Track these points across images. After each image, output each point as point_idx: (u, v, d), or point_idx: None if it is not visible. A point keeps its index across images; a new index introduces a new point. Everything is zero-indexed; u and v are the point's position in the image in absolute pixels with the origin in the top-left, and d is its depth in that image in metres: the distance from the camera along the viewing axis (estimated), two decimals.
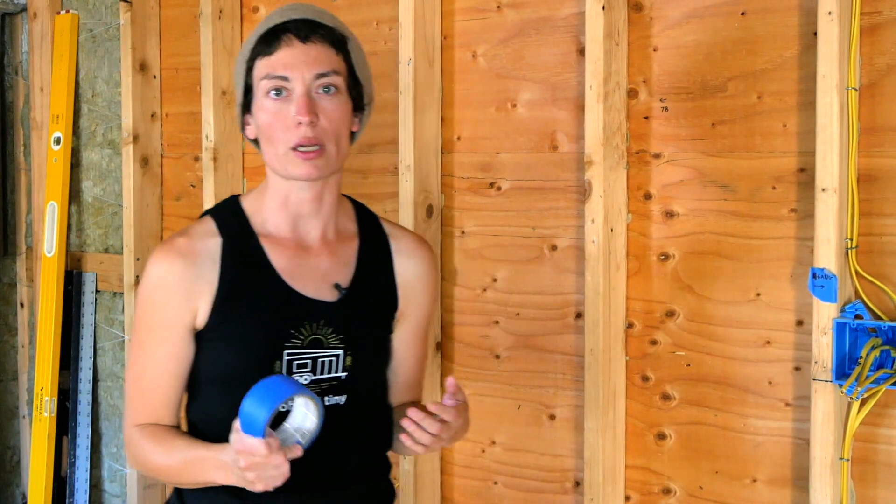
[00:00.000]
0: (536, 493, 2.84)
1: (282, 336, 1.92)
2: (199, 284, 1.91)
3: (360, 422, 1.99)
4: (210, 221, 1.98)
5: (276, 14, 1.95)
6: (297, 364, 1.92)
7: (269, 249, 1.96)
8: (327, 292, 1.97)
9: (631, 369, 2.68)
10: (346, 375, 1.96)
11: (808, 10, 2.39)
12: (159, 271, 1.92)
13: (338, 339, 1.95)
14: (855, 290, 2.34)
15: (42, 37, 3.97)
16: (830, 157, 2.28)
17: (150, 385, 1.95)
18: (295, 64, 1.89)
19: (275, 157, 1.92)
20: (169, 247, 1.94)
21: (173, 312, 1.91)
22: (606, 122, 2.59)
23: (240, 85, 1.95)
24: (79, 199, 3.94)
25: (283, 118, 1.89)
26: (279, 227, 1.98)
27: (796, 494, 2.46)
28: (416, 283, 2.08)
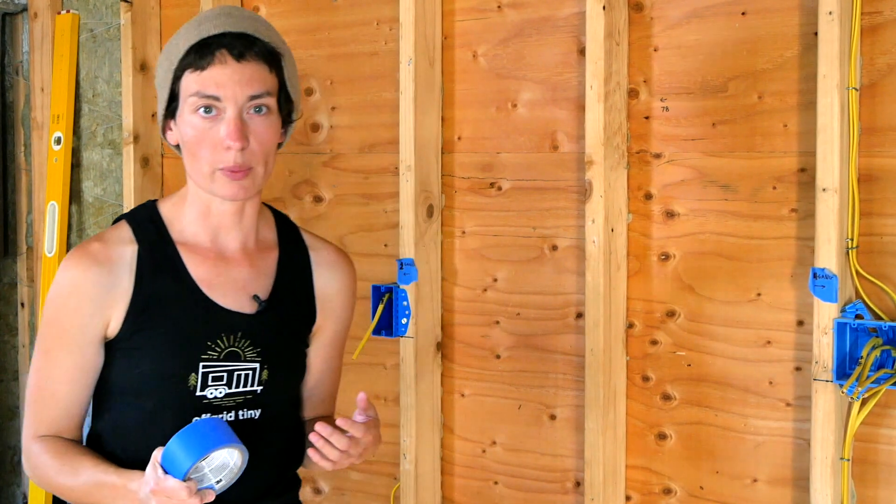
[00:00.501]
0: (537, 493, 2.84)
1: (198, 348, 1.86)
2: (113, 293, 1.84)
3: (273, 437, 1.95)
4: (126, 227, 1.91)
5: (208, 20, 1.84)
6: (212, 377, 1.87)
7: (188, 258, 1.89)
8: (246, 304, 1.91)
9: (631, 369, 2.68)
10: (262, 389, 1.91)
11: (809, 9, 2.39)
12: (72, 277, 1.85)
13: (255, 352, 1.90)
14: (855, 290, 2.34)
15: (43, 37, 3.97)
16: (831, 157, 2.28)
17: (55, 395, 1.87)
18: (228, 84, 1.80)
19: (199, 173, 1.85)
20: (83, 252, 1.86)
21: (85, 320, 1.84)
22: (607, 122, 2.58)
23: (164, 89, 1.86)
24: (79, 199, 3.94)
25: (212, 138, 1.82)
26: (198, 236, 1.92)
27: (797, 494, 2.46)
28: (334, 296, 2.04)
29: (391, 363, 3.03)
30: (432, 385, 2.92)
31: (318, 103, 3.13)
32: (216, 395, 1.87)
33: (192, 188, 1.91)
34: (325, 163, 3.14)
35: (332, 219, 3.13)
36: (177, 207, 1.93)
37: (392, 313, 2.91)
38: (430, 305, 2.91)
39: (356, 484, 3.12)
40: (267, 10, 3.28)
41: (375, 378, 3.07)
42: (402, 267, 2.87)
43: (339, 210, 3.12)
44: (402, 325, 2.89)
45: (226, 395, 1.88)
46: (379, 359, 3.06)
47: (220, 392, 1.87)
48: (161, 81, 1.87)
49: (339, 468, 1.86)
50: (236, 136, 1.80)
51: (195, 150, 1.84)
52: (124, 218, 1.94)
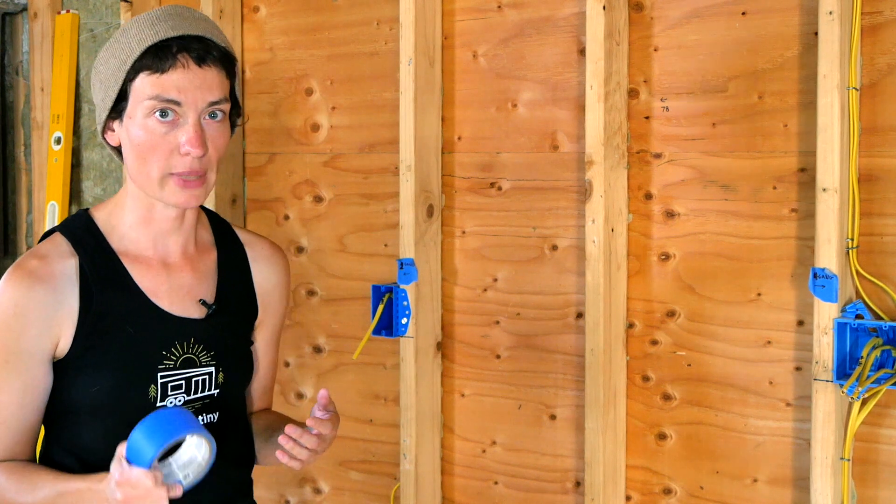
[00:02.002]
0: (537, 493, 2.84)
1: (154, 358, 1.84)
2: (59, 311, 1.79)
3: (233, 438, 1.96)
4: (62, 240, 1.84)
5: (162, 21, 1.78)
6: (171, 385, 1.85)
7: (132, 268, 1.86)
8: (194, 309, 1.90)
9: (632, 369, 2.68)
10: (219, 393, 1.92)
11: (809, 9, 2.39)
12: (14, 298, 1.77)
13: (209, 356, 1.90)
14: (856, 290, 2.34)
15: (42, 37, 3.97)
16: (831, 156, 2.28)
17: (6, 420, 1.81)
18: (189, 88, 1.76)
19: (146, 178, 1.80)
20: (24, 271, 1.79)
21: (32, 342, 1.78)
22: (607, 122, 2.58)
23: (111, 88, 1.79)
24: (79, 200, 3.94)
25: (168, 142, 1.77)
26: (139, 243, 1.88)
27: (797, 495, 2.46)
28: (272, 289, 2.05)
29: (391, 363, 3.03)
30: (432, 385, 2.92)
31: (318, 103, 3.13)
32: (176, 404, 1.85)
33: (132, 193, 1.86)
34: (325, 163, 3.14)
35: (332, 219, 3.13)
36: (113, 215, 1.88)
37: (392, 313, 2.91)
38: (430, 305, 2.91)
39: (356, 484, 3.12)
40: (267, 9, 3.27)
41: (375, 378, 3.07)
42: (402, 267, 2.87)
43: (339, 210, 3.12)
44: (402, 325, 2.89)
45: (185, 403, 1.87)
46: (379, 359, 3.05)
47: (180, 400, 1.86)
48: (106, 81, 1.81)
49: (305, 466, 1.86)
50: (197, 142, 1.77)
51: (146, 155, 1.78)
52: (58, 230, 1.87)
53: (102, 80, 1.82)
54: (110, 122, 1.83)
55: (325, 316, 3.14)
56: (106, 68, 1.81)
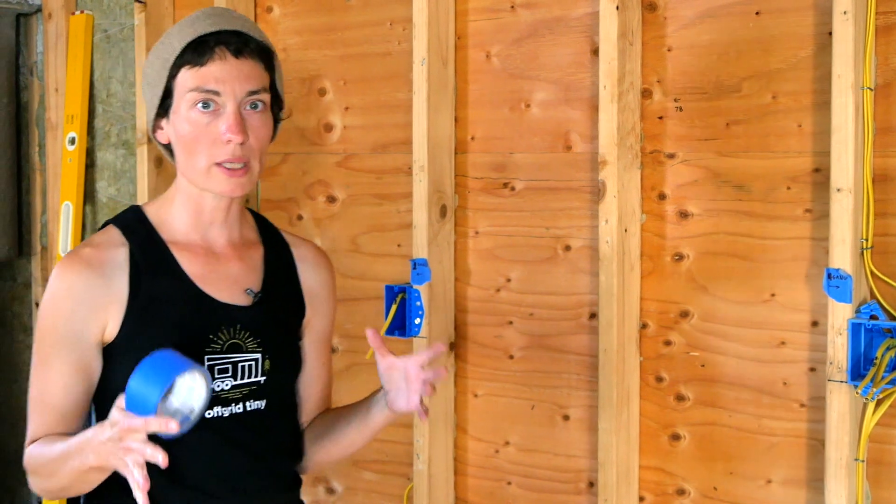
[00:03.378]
0: (550, 493, 2.84)
1: (201, 342, 1.88)
2: (107, 296, 1.85)
3: (280, 426, 1.99)
4: (115, 230, 1.92)
5: (201, 20, 1.88)
6: (218, 369, 1.89)
7: (179, 256, 1.92)
8: (240, 297, 1.95)
9: (645, 370, 2.67)
10: (265, 380, 1.94)
11: (823, 9, 2.38)
12: (65, 283, 1.85)
13: (255, 342, 1.93)
14: (870, 290, 2.34)
15: (57, 37, 3.98)
16: (845, 157, 2.27)
17: (53, 402, 1.86)
18: (227, 79, 1.84)
19: (194, 169, 1.87)
20: (75, 258, 1.87)
21: (80, 326, 1.84)
22: (620, 122, 2.58)
23: (157, 87, 1.88)
24: (93, 200, 3.95)
25: (210, 132, 1.84)
26: (188, 235, 1.94)
27: (811, 495, 2.46)
28: (319, 290, 2.09)
29: None
30: (445, 385, 2.92)
31: (331, 103, 3.14)
32: (223, 388, 1.89)
33: (182, 188, 1.94)
34: (338, 163, 3.14)
35: (345, 219, 3.13)
36: (163, 209, 1.96)
37: (405, 313, 2.91)
38: (443, 306, 2.91)
39: (369, 484, 3.12)
40: (280, 9, 3.28)
41: None
42: (415, 267, 2.87)
43: (352, 210, 3.12)
44: (415, 326, 2.89)
45: (232, 387, 1.90)
46: None
47: (227, 384, 1.89)
48: (152, 81, 1.89)
49: None
50: (237, 129, 1.83)
51: (192, 146, 1.86)
52: (111, 222, 1.95)
53: (149, 81, 1.90)
54: (158, 121, 1.91)
55: (338, 316, 3.11)
56: (151, 69, 1.90)
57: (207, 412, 1.84)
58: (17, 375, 4.27)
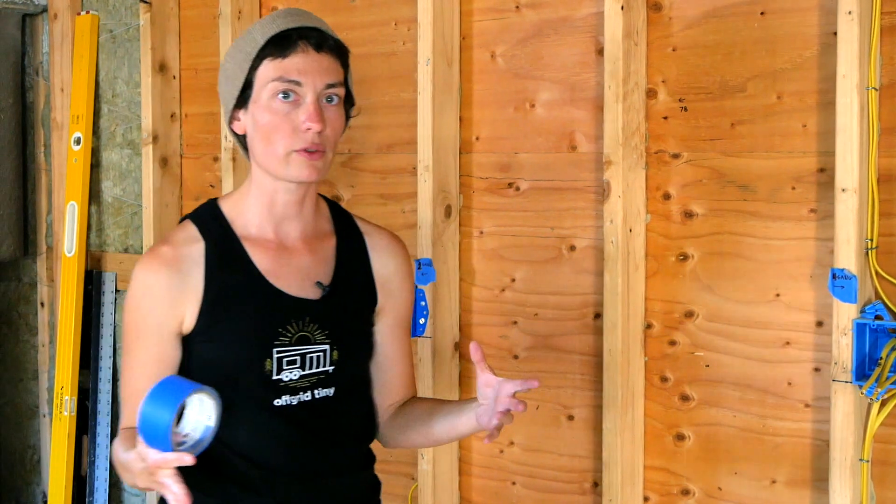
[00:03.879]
0: (555, 493, 2.84)
1: (270, 335, 1.96)
2: (184, 290, 1.95)
3: (349, 412, 2.07)
4: (192, 226, 2.02)
5: (282, 17, 1.97)
6: (286, 361, 1.97)
7: (252, 251, 2.00)
8: (310, 290, 2.02)
9: (650, 370, 2.67)
10: (334, 369, 2.02)
11: (828, 9, 2.38)
12: (145, 280, 1.97)
13: (323, 334, 2.01)
14: (875, 290, 2.34)
15: (62, 38, 3.99)
16: (850, 157, 2.27)
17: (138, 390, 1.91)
18: (308, 71, 1.93)
19: (273, 156, 1.95)
20: (153, 255, 1.98)
21: (159, 319, 1.95)
22: (625, 122, 2.58)
23: (237, 79, 1.97)
24: (98, 200, 3.96)
25: (290, 121, 1.93)
26: (262, 228, 2.02)
27: (816, 496, 2.45)
28: (392, 277, 2.15)
29: None
30: (450, 385, 2.92)
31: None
32: (291, 378, 1.97)
33: (257, 181, 2.01)
34: (343, 163, 3.14)
35: None
36: (238, 204, 2.04)
37: None
38: (448, 305, 2.92)
39: None
40: None
41: None
42: (420, 267, 2.87)
43: (357, 210, 3.11)
44: (420, 326, 2.90)
45: (300, 377, 1.98)
46: None
47: (295, 374, 1.98)
48: (233, 73, 1.97)
49: None
50: (316, 118, 1.92)
51: (272, 134, 1.94)
52: (188, 218, 2.05)
53: (228, 75, 1.99)
54: (236, 112, 1.99)
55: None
56: (232, 62, 1.98)
57: (276, 400, 1.95)
58: (22, 375, 4.28)
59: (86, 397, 3.92)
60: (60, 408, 3.87)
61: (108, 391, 3.92)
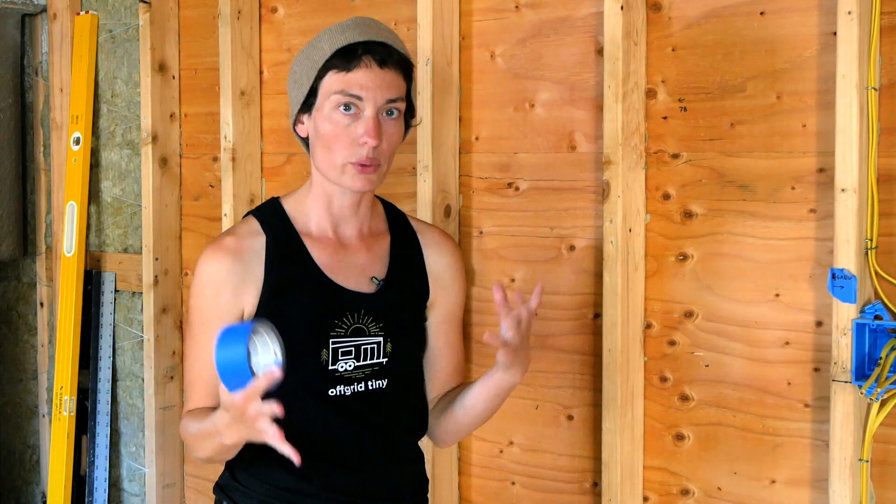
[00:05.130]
0: (554, 493, 2.84)
1: (327, 326, 2.06)
2: (246, 280, 2.06)
3: (402, 403, 2.16)
4: (254, 221, 2.13)
5: (352, 29, 2.05)
6: (341, 351, 2.07)
7: (311, 247, 2.11)
8: (366, 285, 2.13)
9: (649, 370, 2.68)
10: (387, 361, 2.12)
11: (828, 9, 2.38)
12: (209, 269, 2.07)
13: (378, 327, 2.11)
14: (875, 290, 2.34)
15: (62, 38, 3.99)
16: (850, 157, 2.27)
17: (202, 375, 2.08)
18: (370, 86, 2.01)
19: (330, 165, 2.06)
20: (217, 245, 2.08)
21: (223, 307, 2.05)
22: (625, 122, 2.58)
23: (304, 85, 2.06)
24: (98, 199, 3.96)
25: (349, 133, 2.02)
26: (321, 226, 2.14)
27: (815, 496, 2.45)
28: (443, 272, 2.26)
29: None
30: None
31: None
32: (346, 368, 2.07)
33: (316, 183, 2.14)
34: None
35: None
36: (299, 202, 2.16)
37: None
38: None
39: None
40: (285, 10, 3.28)
41: None
42: None
43: None
44: None
45: (355, 368, 2.08)
46: None
47: (350, 365, 2.07)
48: (299, 79, 2.08)
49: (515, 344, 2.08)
50: (374, 133, 2.02)
51: (331, 144, 2.05)
52: (251, 214, 2.17)
53: (296, 79, 2.10)
54: (301, 116, 2.11)
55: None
56: (300, 68, 2.09)
57: (330, 390, 2.05)
58: (22, 374, 4.28)
59: (85, 397, 3.92)
60: (60, 408, 3.87)
61: (107, 391, 3.92)
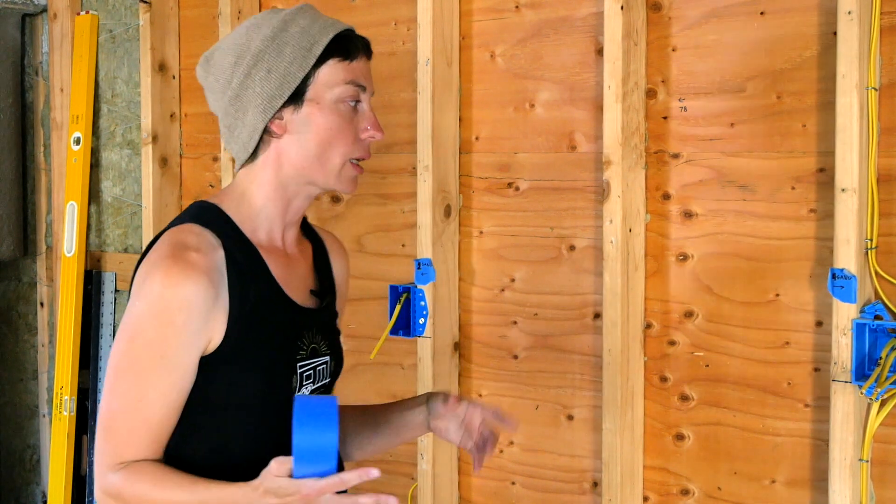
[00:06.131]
0: (554, 493, 2.84)
1: (293, 349, 1.82)
2: (216, 305, 1.72)
3: None
4: (205, 231, 1.77)
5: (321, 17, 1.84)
6: (304, 375, 1.84)
7: (267, 259, 1.82)
8: (309, 299, 1.89)
9: (649, 370, 2.67)
10: (329, 381, 1.92)
11: (828, 9, 2.38)
12: (183, 293, 1.69)
13: (325, 344, 1.90)
14: (875, 290, 2.34)
15: (62, 38, 3.99)
16: (850, 157, 2.27)
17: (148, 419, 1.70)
18: (368, 77, 1.85)
19: (325, 164, 1.81)
20: (186, 263, 1.70)
21: (191, 338, 1.70)
22: (625, 122, 2.58)
23: (292, 76, 1.79)
24: (98, 199, 3.96)
25: (352, 129, 1.81)
26: (271, 235, 1.85)
27: (815, 496, 2.45)
28: (343, 280, 2.05)
29: (408, 363, 3.03)
30: (449, 385, 2.92)
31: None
32: (306, 394, 1.85)
33: (275, 185, 1.83)
34: None
35: (349, 219, 3.13)
36: (241, 208, 1.83)
37: (409, 313, 2.91)
38: (447, 305, 2.92)
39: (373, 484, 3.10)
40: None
41: (393, 378, 3.07)
42: (419, 267, 2.87)
43: (356, 210, 3.12)
44: (419, 325, 2.89)
45: (311, 392, 1.86)
46: (396, 359, 3.06)
47: (308, 390, 1.86)
48: (284, 68, 1.79)
49: None
50: (379, 126, 1.84)
51: (332, 140, 1.80)
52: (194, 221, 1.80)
53: (274, 68, 1.79)
54: (282, 111, 1.80)
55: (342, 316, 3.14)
56: (279, 58, 1.79)
57: None
58: (22, 374, 4.28)
59: (85, 397, 3.92)
60: (60, 408, 3.87)
61: None
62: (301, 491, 1.57)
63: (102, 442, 1.72)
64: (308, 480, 1.57)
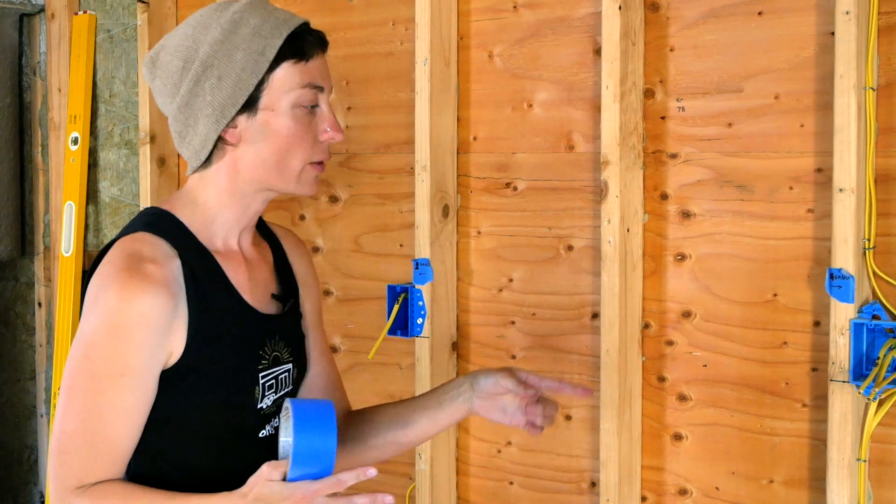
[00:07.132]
0: (552, 493, 2.84)
1: (255, 359, 1.75)
2: (175, 318, 1.65)
3: None
4: (160, 240, 1.69)
5: (277, 12, 1.74)
6: (266, 385, 1.77)
7: (224, 266, 1.75)
8: (271, 305, 1.82)
9: (647, 370, 2.67)
10: (292, 388, 1.85)
11: (826, 9, 2.38)
12: (142, 307, 1.61)
13: (287, 351, 1.83)
14: (872, 290, 2.34)
15: (60, 37, 3.98)
16: (848, 157, 2.27)
17: (108, 439, 1.63)
18: (326, 75, 1.75)
19: (284, 170, 1.73)
20: (140, 276, 1.62)
21: (152, 353, 1.63)
22: (623, 122, 2.58)
23: (245, 82, 1.69)
24: (96, 199, 3.96)
25: (311, 132, 1.73)
26: (228, 240, 1.78)
27: (813, 496, 2.45)
28: (306, 277, 1.95)
29: (406, 363, 3.03)
30: None
31: (333, 103, 3.13)
32: (268, 405, 1.78)
33: (230, 191, 1.76)
34: (340, 163, 3.14)
35: (347, 219, 3.13)
36: (196, 215, 1.76)
37: (407, 313, 2.91)
38: (445, 305, 2.91)
39: (371, 484, 3.11)
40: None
41: (391, 378, 3.07)
42: (417, 267, 2.87)
43: (354, 210, 3.12)
44: (417, 326, 2.89)
45: (272, 402, 1.79)
46: (394, 359, 3.06)
47: (270, 400, 1.78)
48: (235, 74, 1.70)
49: None
50: (339, 127, 1.75)
51: (291, 146, 1.72)
52: (146, 230, 1.72)
53: (225, 74, 1.70)
54: (237, 118, 1.72)
55: (340, 316, 3.14)
56: (230, 64, 1.69)
57: (261, 432, 1.77)
58: (20, 375, 4.27)
59: None
60: None
61: None
62: (296, 494, 1.53)
63: (59, 466, 1.64)
64: (303, 483, 1.53)
